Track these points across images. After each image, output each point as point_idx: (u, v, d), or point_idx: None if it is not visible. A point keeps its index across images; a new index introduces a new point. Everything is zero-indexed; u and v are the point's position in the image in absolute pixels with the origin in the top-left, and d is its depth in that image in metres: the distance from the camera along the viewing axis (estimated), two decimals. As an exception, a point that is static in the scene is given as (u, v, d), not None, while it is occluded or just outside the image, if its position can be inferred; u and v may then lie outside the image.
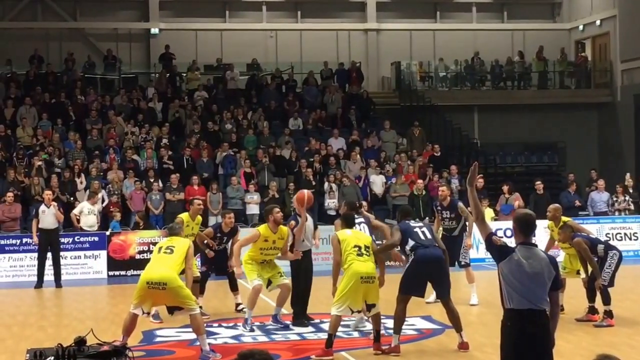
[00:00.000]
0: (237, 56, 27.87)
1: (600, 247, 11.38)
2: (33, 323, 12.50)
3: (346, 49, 29.55)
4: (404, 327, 10.11)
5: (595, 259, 11.36)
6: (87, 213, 18.91)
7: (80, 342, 9.03)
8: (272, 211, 11.48)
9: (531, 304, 5.88)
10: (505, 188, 20.98)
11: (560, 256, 12.94)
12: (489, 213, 20.53)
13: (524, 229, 6.10)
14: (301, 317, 11.63)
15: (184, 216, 12.81)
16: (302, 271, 11.66)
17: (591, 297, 11.60)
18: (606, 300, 11.29)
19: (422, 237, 9.97)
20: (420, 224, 10.34)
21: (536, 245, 6.18)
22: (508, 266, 5.97)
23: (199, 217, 13.16)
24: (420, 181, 21.46)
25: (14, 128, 22.93)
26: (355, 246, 9.78)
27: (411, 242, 9.95)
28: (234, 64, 27.15)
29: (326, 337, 9.79)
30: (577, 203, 21.19)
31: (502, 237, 13.09)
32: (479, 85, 29.82)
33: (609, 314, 11.25)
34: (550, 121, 28.91)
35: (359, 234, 10.29)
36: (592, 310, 11.60)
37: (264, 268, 11.46)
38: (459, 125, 26.93)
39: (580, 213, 21.10)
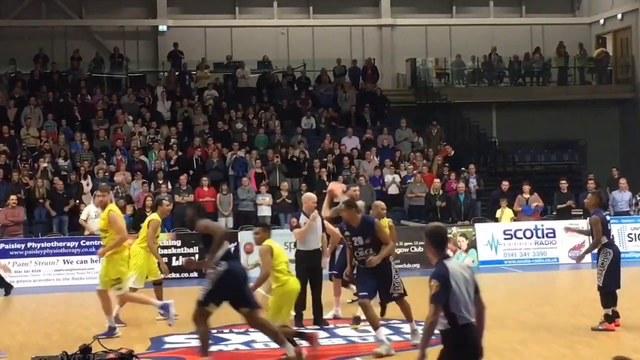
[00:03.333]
0: (247, 53, 27.38)
1: (604, 238, 11.05)
2: (38, 330, 12.26)
3: (360, 45, 29.04)
4: (420, 331, 9.73)
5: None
6: (93, 217, 18.45)
7: (86, 349, 8.77)
8: None
9: (471, 317, 5.82)
10: (525, 188, 20.39)
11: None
12: (508, 213, 20.03)
13: (441, 242, 5.95)
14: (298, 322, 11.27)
15: (155, 216, 12.28)
16: (304, 273, 11.10)
17: (605, 304, 11.09)
18: (607, 302, 10.89)
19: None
20: None
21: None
22: (454, 286, 5.77)
23: None
24: (437, 181, 20.93)
25: (18, 129, 22.39)
26: None
27: None
28: (245, 61, 26.69)
29: (345, 342, 9.88)
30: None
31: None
32: (497, 82, 29.29)
33: (607, 318, 10.85)
34: (571, 118, 28.24)
35: None
36: (609, 318, 11.07)
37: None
38: (476, 123, 26.47)
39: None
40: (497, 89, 28.95)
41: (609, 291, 10.87)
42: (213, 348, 10.21)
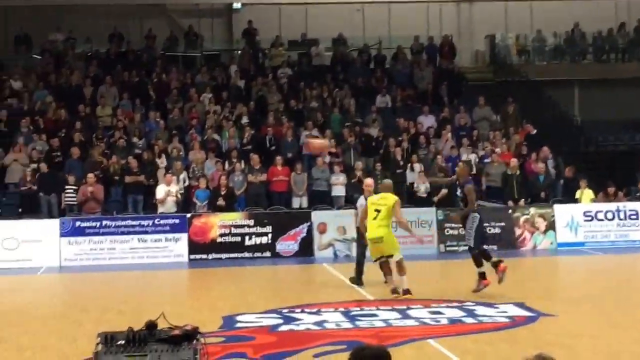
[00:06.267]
0: (322, 31, 27.05)
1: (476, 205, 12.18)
2: (113, 307, 12.24)
3: (437, 22, 28.43)
4: (495, 314, 10.65)
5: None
6: (173, 195, 18.71)
7: (151, 326, 8.57)
8: None
9: None
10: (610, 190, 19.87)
11: None
12: (587, 194, 19.36)
13: None
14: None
15: None
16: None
17: (478, 264, 11.93)
18: (479, 262, 11.80)
19: None
20: None
21: None
22: None
23: None
24: (514, 160, 20.27)
25: (94, 108, 22.54)
26: None
27: None
28: (320, 39, 26.42)
29: (417, 323, 10.11)
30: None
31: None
32: (580, 59, 28.43)
33: (481, 276, 11.75)
34: (658, 96, 27.08)
35: None
36: (482, 276, 11.93)
37: None
38: (558, 102, 25.65)
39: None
40: (580, 66, 28.09)
41: (480, 251, 11.80)
42: (284, 327, 10.13)
